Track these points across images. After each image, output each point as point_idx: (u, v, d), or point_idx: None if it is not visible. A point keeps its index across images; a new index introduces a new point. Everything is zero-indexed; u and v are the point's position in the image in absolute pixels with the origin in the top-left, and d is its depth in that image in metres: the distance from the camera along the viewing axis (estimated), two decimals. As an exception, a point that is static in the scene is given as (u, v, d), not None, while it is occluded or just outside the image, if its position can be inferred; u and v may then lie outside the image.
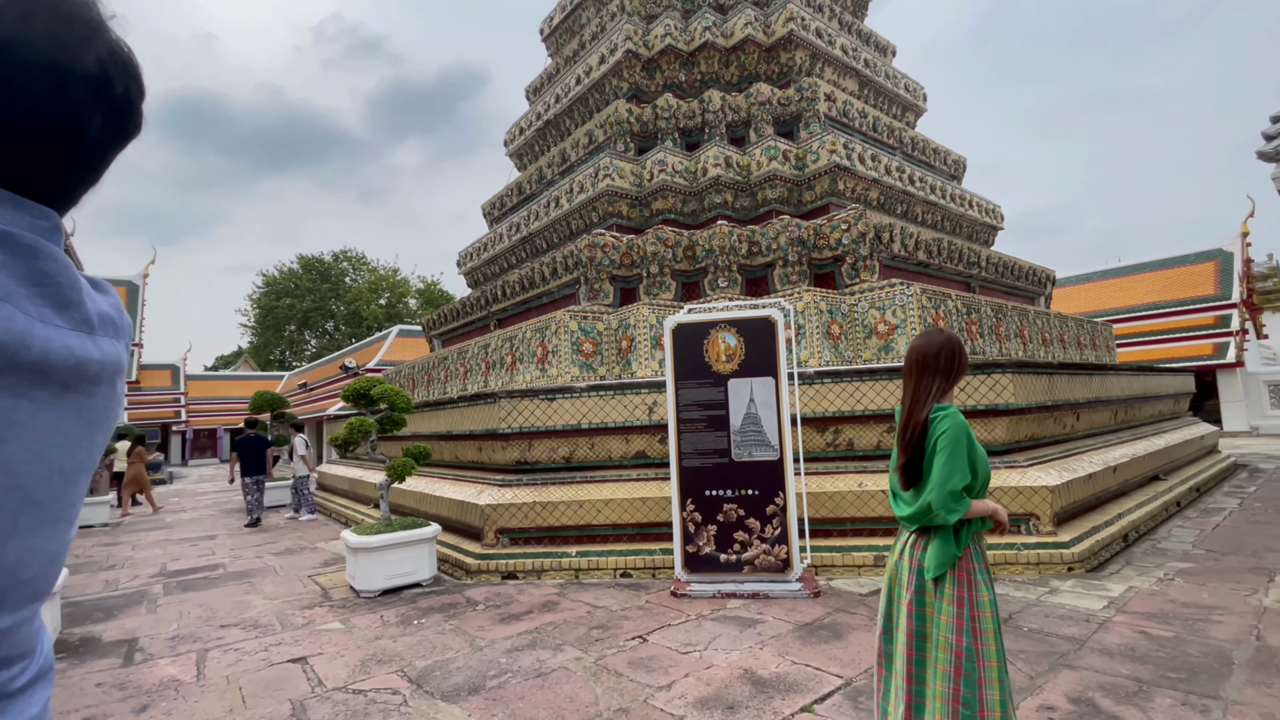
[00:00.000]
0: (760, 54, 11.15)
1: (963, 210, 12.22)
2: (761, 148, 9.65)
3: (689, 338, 5.14)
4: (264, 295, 50.09)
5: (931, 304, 7.39)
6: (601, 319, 7.85)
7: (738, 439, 5.00)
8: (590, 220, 9.98)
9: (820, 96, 10.31)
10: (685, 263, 8.80)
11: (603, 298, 8.71)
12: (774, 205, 9.64)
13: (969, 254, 10.39)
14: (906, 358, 2.25)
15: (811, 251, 8.51)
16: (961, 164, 13.56)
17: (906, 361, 2.24)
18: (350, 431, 5.58)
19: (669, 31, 11.13)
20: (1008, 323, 9.17)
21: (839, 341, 7.46)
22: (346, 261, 52.55)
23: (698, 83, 11.30)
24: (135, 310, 35.03)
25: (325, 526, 10.02)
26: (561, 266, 9.12)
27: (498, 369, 8.78)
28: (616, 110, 10.64)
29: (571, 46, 13.74)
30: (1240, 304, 20.43)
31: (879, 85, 12.67)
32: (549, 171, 12.32)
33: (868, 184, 9.92)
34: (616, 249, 8.68)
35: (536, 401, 6.29)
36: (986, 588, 2.04)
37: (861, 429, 6.02)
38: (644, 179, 9.86)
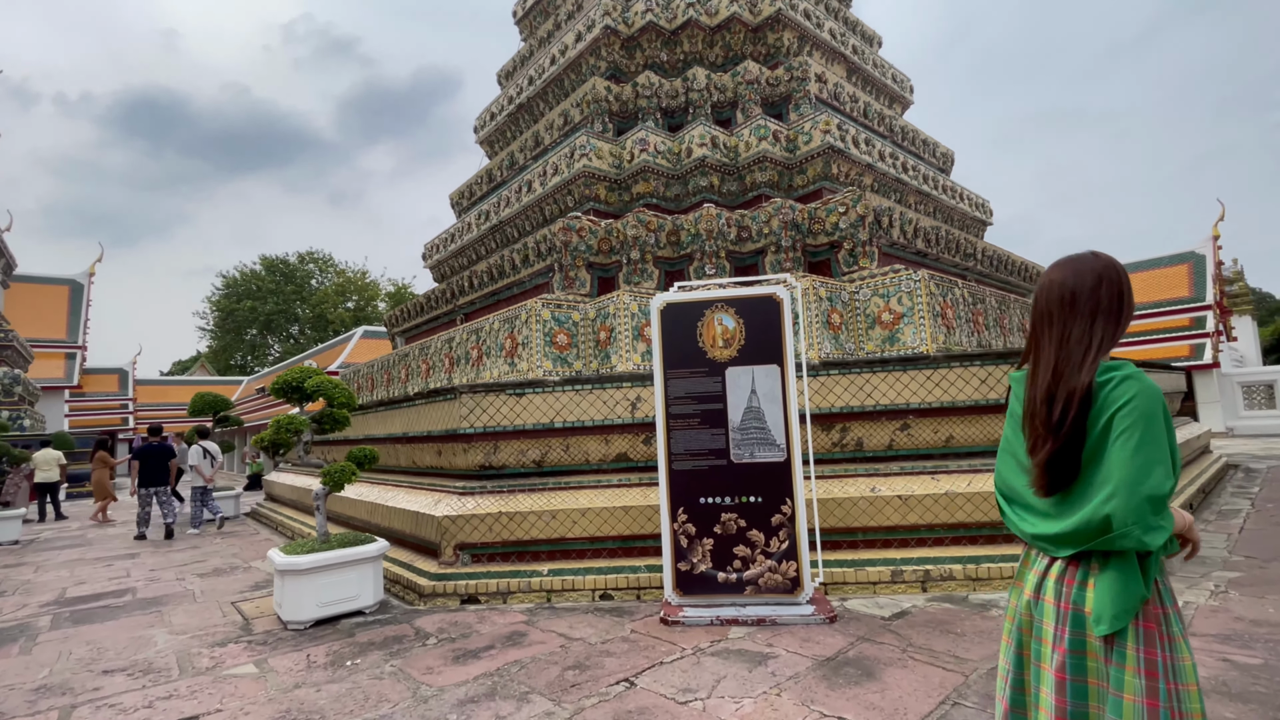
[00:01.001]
0: (746, 34, 10.52)
1: (954, 203, 11.76)
2: (750, 128, 8.99)
3: (680, 320, 4.39)
4: (223, 297, 48.05)
5: (939, 291, 6.78)
6: (578, 308, 7.06)
7: (737, 437, 4.26)
8: (565, 205, 9.20)
9: (811, 77, 9.72)
10: (669, 249, 8.07)
11: (579, 287, 7.93)
12: (763, 189, 8.99)
13: (965, 245, 9.88)
14: (1039, 296, 1.52)
15: (806, 237, 7.85)
16: (950, 157, 13.13)
17: (1038, 303, 1.52)
18: (277, 430, 4.69)
19: (650, 7, 10.44)
20: (1011, 316, 8.64)
21: (839, 332, 6.79)
22: (313, 263, 50.75)
23: (680, 63, 10.63)
24: (79, 310, 33.05)
25: (267, 541, 9.00)
26: (534, 253, 8.32)
27: (462, 365, 7.92)
28: (594, 87, 9.89)
29: (546, 27, 12.98)
30: (1214, 305, 20.52)
31: (867, 73, 12.17)
32: (521, 156, 11.51)
33: (861, 169, 9.34)
34: (594, 233, 7.92)
35: (503, 397, 5.47)
36: (1186, 645, 1.31)
37: (872, 427, 5.33)
38: (623, 160, 9.12)
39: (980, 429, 5.32)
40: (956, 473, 5.15)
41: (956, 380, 5.24)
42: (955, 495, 4.93)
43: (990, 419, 5.29)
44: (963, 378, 5.25)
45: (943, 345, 6.55)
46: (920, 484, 5.05)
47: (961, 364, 5.24)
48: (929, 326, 6.42)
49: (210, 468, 10.53)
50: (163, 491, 10.14)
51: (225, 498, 11.56)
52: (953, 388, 5.24)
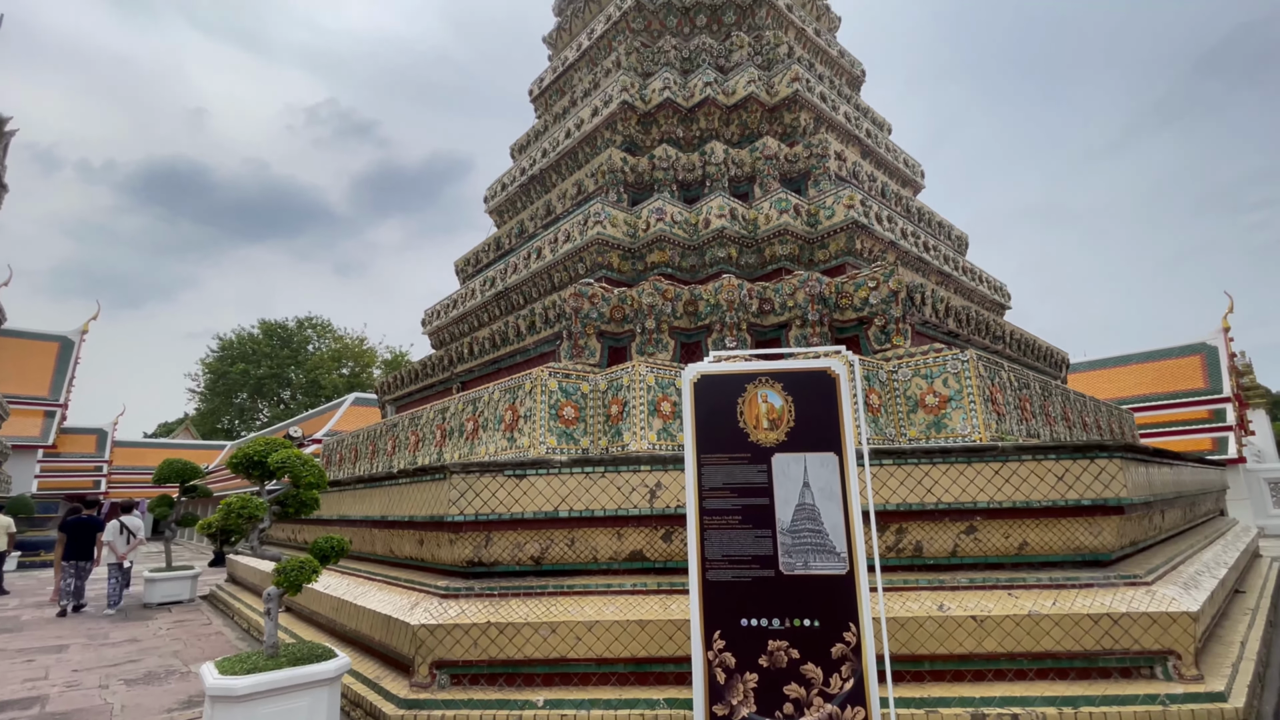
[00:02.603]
0: (763, 113, 10.49)
1: (974, 284, 11.40)
2: (770, 201, 8.69)
3: (717, 395, 3.72)
4: (217, 360, 47.46)
5: (988, 375, 6.16)
6: (587, 379, 6.40)
7: (788, 541, 3.48)
8: (576, 272, 8.74)
9: (831, 154, 9.56)
10: (686, 319, 7.52)
11: (588, 356, 7.31)
12: (783, 263, 8.57)
13: (994, 327, 9.38)
14: None
15: (833, 311, 7.32)
16: (965, 240, 12.93)
17: None
18: (227, 514, 3.89)
19: (668, 85, 10.46)
20: (1053, 403, 8.01)
21: (878, 415, 6.11)
22: (311, 329, 50.57)
23: (697, 138, 10.54)
24: (65, 368, 32.31)
25: (218, 635, 7.88)
26: (541, 320, 7.75)
27: (455, 438, 7.16)
28: (610, 158, 9.70)
29: (561, 104, 13.08)
30: (1233, 398, 20.01)
31: (880, 156, 12.15)
32: (531, 225, 11.22)
33: (884, 245, 8.97)
34: (607, 300, 7.38)
35: (500, 479, 4.70)
36: None
37: (933, 528, 4.55)
38: (638, 229, 8.76)
39: (1058, 535, 4.54)
40: (1036, 588, 4.32)
41: (1029, 476, 4.51)
42: (1040, 617, 4.09)
43: (1069, 523, 4.52)
44: (1036, 473, 4.52)
45: (996, 434, 5.86)
46: (996, 601, 4.22)
47: (1034, 457, 4.53)
48: (980, 413, 5.75)
49: (124, 545, 9.84)
50: (86, 567, 9.68)
51: (182, 577, 10.41)
52: (1025, 485, 4.51)
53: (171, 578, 10.23)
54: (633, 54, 11.16)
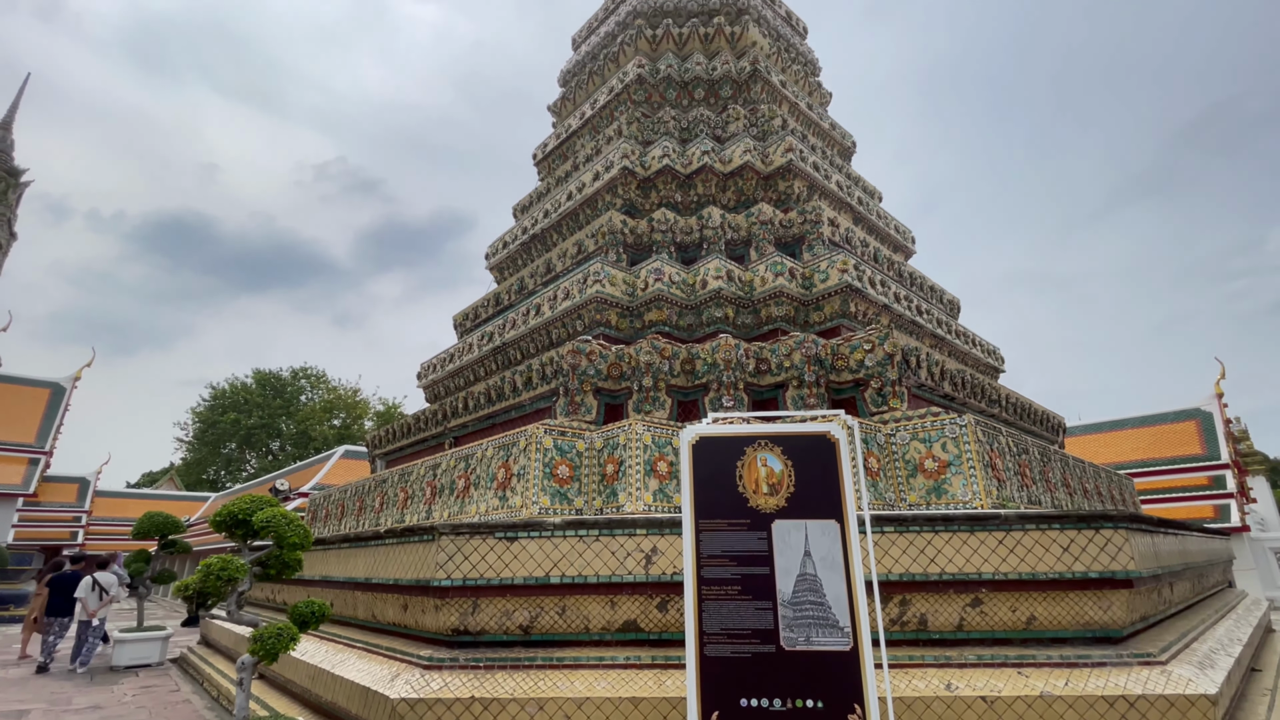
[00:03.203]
0: (758, 180, 10.83)
1: (968, 348, 11.49)
2: (766, 264, 8.85)
3: (715, 457, 3.66)
4: (208, 409, 46.98)
5: (986, 439, 6.11)
6: (583, 436, 6.32)
7: (789, 614, 3.35)
8: (574, 329, 8.79)
9: (825, 220, 9.81)
10: (683, 378, 7.51)
11: (584, 413, 7.25)
12: (779, 324, 8.65)
13: (990, 391, 9.40)
14: None
15: (830, 373, 7.33)
16: (956, 304, 13.13)
17: None
18: (206, 577, 3.72)
19: (667, 154, 10.83)
20: (1053, 468, 7.92)
21: (878, 479, 6.02)
22: (305, 379, 50.36)
23: (694, 203, 10.83)
24: (54, 415, 31.89)
25: (185, 704, 7.45)
26: (538, 375, 7.73)
27: (445, 496, 7.00)
28: (610, 220, 9.93)
29: (564, 168, 13.49)
30: (1232, 464, 19.91)
31: (871, 222, 12.47)
32: (531, 282, 11.37)
33: (878, 309, 9.09)
34: (604, 357, 7.39)
35: (490, 541, 4.55)
36: None
37: (937, 601, 4.40)
38: (637, 289, 8.87)
39: (1067, 609, 4.39)
40: (1047, 666, 4.14)
41: (1034, 547, 4.40)
42: (1052, 698, 3.90)
43: (1078, 597, 4.38)
44: (1040, 544, 4.42)
45: (996, 500, 5.77)
46: (1006, 680, 4.03)
47: (1038, 526, 4.44)
48: (980, 478, 5.67)
49: (96, 602, 9.50)
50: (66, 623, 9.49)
51: (152, 639, 9.93)
52: (1030, 555, 4.39)
53: (141, 639, 9.75)
54: (634, 123, 11.61)
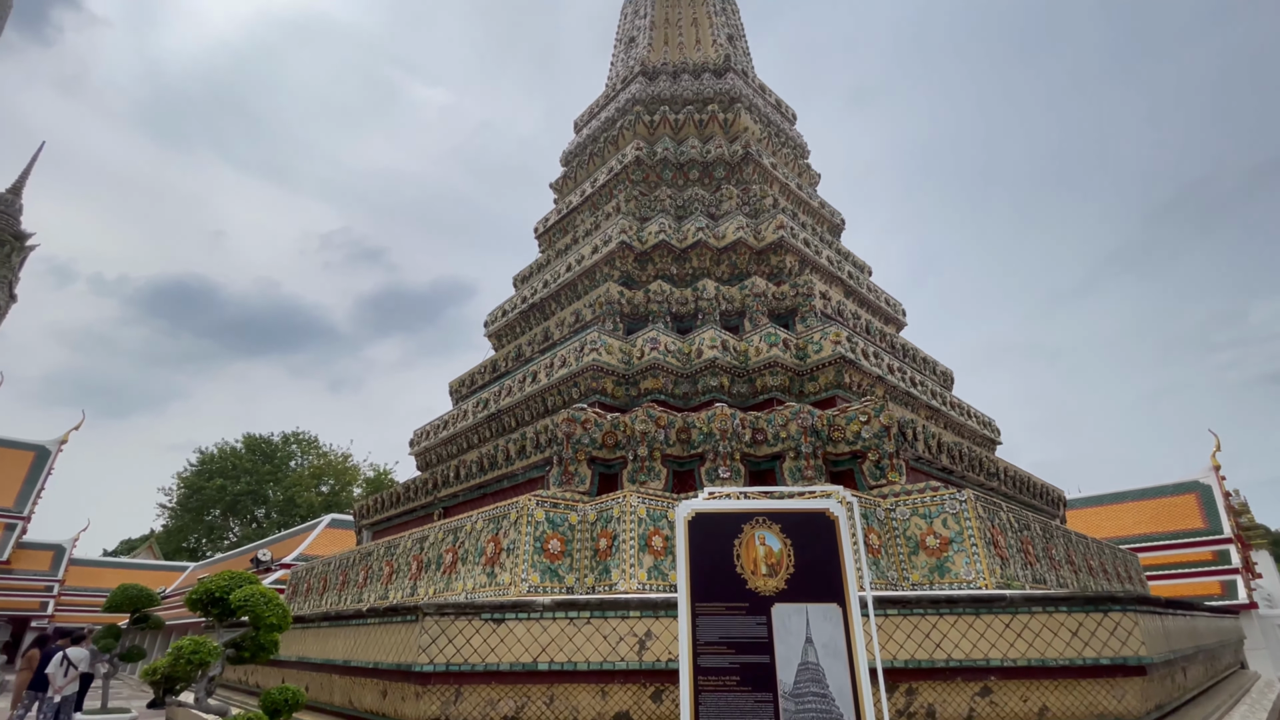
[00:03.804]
0: (751, 255, 11.14)
1: (963, 420, 11.50)
2: (760, 334, 8.97)
3: (712, 535, 3.57)
4: (195, 474, 45.99)
5: (987, 515, 6.01)
6: (575, 508, 6.19)
7: (791, 707, 3.17)
8: (570, 397, 8.78)
9: (816, 294, 10.02)
10: (679, 447, 7.44)
11: (577, 483, 7.12)
12: (775, 393, 8.67)
13: (988, 464, 9.33)
14: None
15: (826, 444, 7.29)
16: (950, 376, 13.23)
17: None
18: (176, 660, 3.52)
19: (663, 229, 11.18)
20: (1056, 545, 7.76)
21: (879, 556, 5.87)
22: (296, 444, 49.63)
23: (689, 276, 11.09)
24: (36, 479, 31.15)
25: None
26: (532, 444, 7.65)
27: (432, 571, 6.76)
28: (608, 290, 10.12)
29: (564, 241, 13.87)
30: (1235, 539, 19.55)
31: (862, 296, 12.74)
32: (529, 349, 11.44)
33: (873, 380, 9.14)
34: (599, 426, 7.34)
35: (476, 623, 4.36)
36: None
37: (945, 689, 4.19)
38: (633, 357, 8.93)
39: (1080, 698, 4.19)
40: (1064, 764, 3.90)
41: (1042, 630, 4.25)
42: (1072, 802, 3.65)
43: (1090, 686, 4.19)
44: (1049, 627, 4.26)
45: (1001, 579, 5.61)
46: (1021, 781, 3.78)
47: (1045, 609, 4.29)
48: (984, 556, 5.54)
49: (62, 678, 9.10)
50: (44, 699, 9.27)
51: None
52: (1039, 640, 4.23)
53: None
54: (631, 201, 12.03)
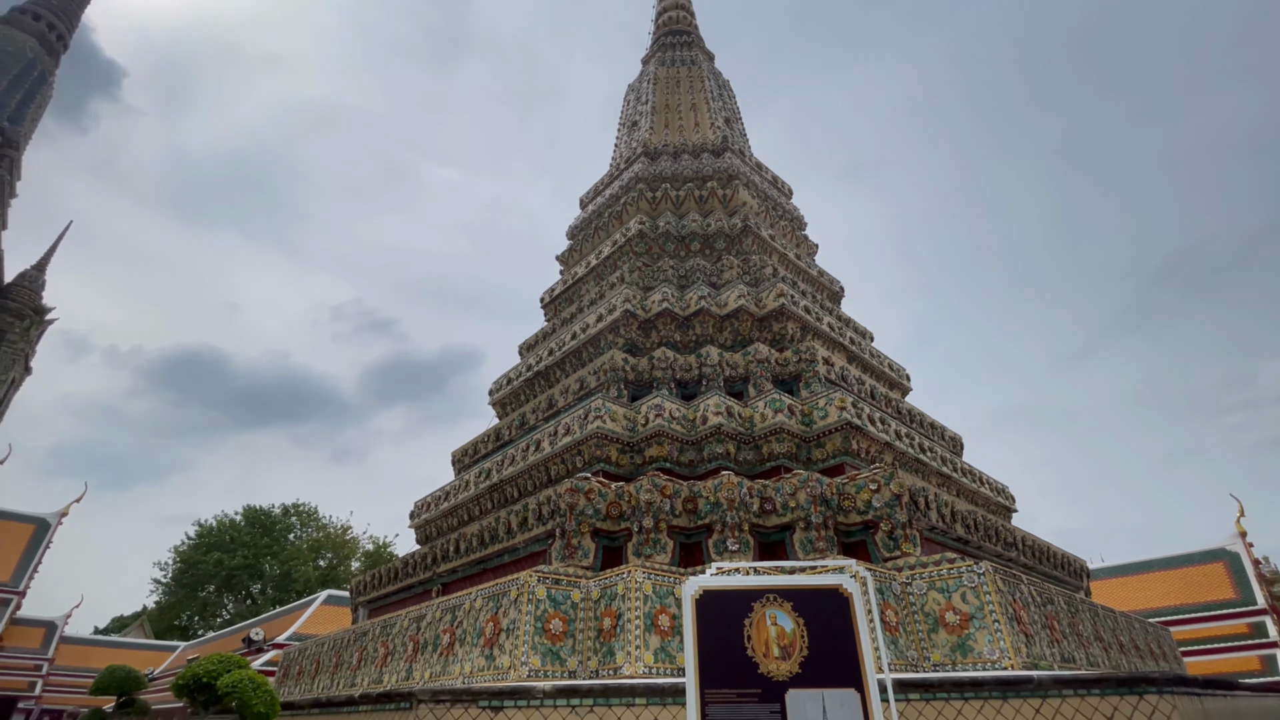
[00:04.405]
0: (753, 322, 11.26)
1: (976, 486, 11.25)
2: (765, 400, 8.93)
3: (721, 615, 3.42)
4: (192, 548, 44.97)
5: (1007, 589, 5.77)
6: (578, 585, 5.98)
7: (809, 805, 2.94)
8: (574, 466, 8.67)
9: (819, 359, 10.05)
10: (685, 517, 7.26)
11: (580, 558, 6.92)
12: (782, 460, 8.54)
13: (1005, 533, 9.04)
14: None
15: (837, 514, 7.10)
16: (959, 441, 13.05)
17: None
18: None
19: (666, 298, 11.36)
20: (1082, 620, 7.40)
21: (897, 634, 5.59)
22: (295, 516, 48.74)
23: (693, 343, 11.17)
24: (34, 552, 30.50)
25: None
26: (534, 516, 7.49)
27: (428, 653, 6.47)
28: (612, 358, 10.18)
29: (569, 310, 14.10)
30: (1270, 610, 18.60)
31: (866, 361, 12.76)
32: (533, 417, 11.41)
33: (880, 446, 9.02)
34: (603, 496, 7.20)
35: (474, 711, 4.13)
36: None
37: (975, 784, 3.89)
38: (637, 424, 8.87)
39: (1123, 795, 3.87)
40: None
41: (1075, 716, 3.98)
42: None
43: (1133, 780, 3.88)
44: (1082, 711, 4.00)
45: (1027, 659, 5.31)
46: None
47: (1077, 691, 4.04)
48: (1007, 633, 5.27)
49: None
50: None
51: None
52: (1073, 728, 3.95)
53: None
54: (635, 271, 12.30)
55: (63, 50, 14.05)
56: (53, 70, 13.58)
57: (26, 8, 14.07)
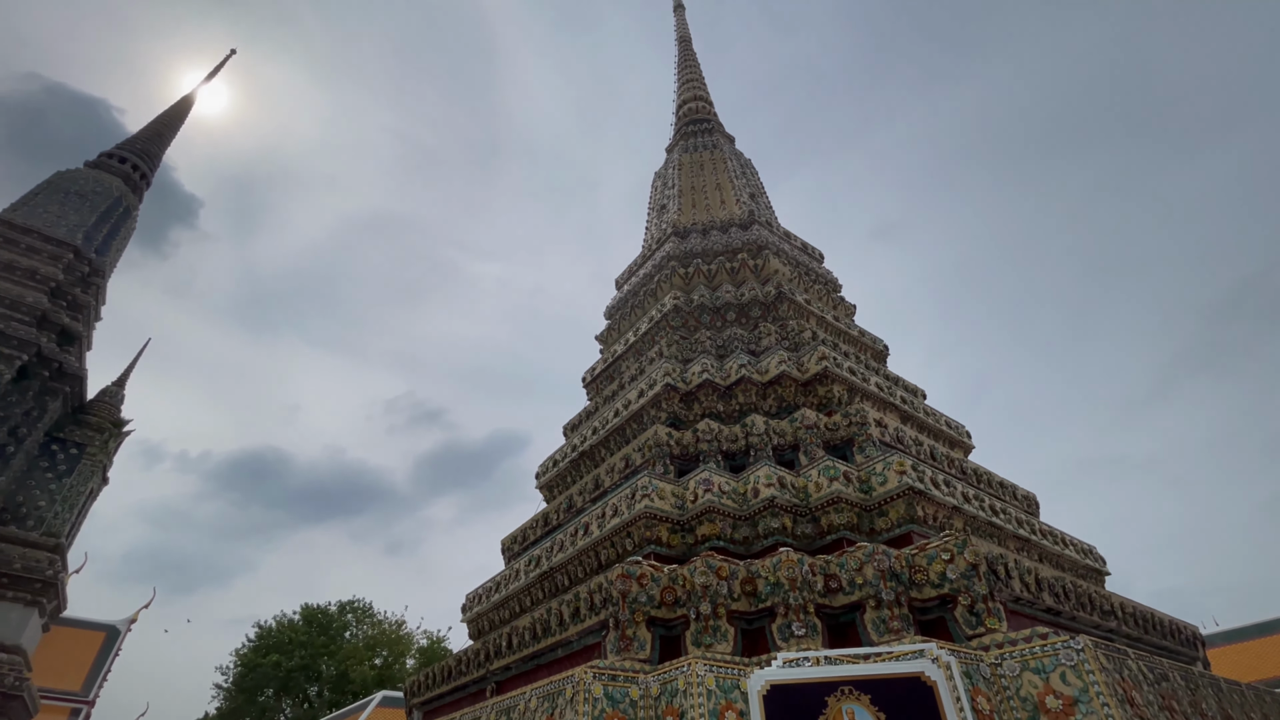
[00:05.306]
0: (797, 387, 11.07)
1: (1059, 549, 10.39)
2: (818, 468, 8.60)
3: (791, 711, 3.14)
4: (252, 650, 44.99)
5: (1112, 666, 5.16)
6: (636, 680, 5.64)
7: None
8: (624, 549, 8.41)
9: (871, 421, 9.72)
10: (744, 601, 6.87)
11: (637, 649, 6.57)
12: (843, 532, 8.10)
13: (1100, 600, 8.23)
14: None
15: (910, 589, 6.60)
16: (1033, 500, 12.21)
17: None
18: None
19: (706, 369, 11.33)
20: (1204, 698, 6.52)
21: (992, 725, 5.01)
22: (351, 613, 48.53)
23: (736, 412, 11.00)
24: (104, 661, 30.99)
25: None
26: (585, 605, 7.22)
27: (485, 760, 6.13)
28: (656, 433, 10.08)
29: (611, 388, 14.18)
30: None
31: (921, 420, 12.28)
32: (579, 499, 11.26)
33: (949, 511, 8.49)
34: (656, 581, 6.91)
35: (533, 828, 3.82)
36: None
37: None
38: (686, 501, 8.63)
39: None
40: None
41: (1222, 823, 3.41)
42: None
43: None
44: (1229, 818, 3.42)
45: (1150, 751, 4.66)
46: None
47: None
48: (1119, 719, 4.66)
49: None
50: None
51: None
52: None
53: None
54: (673, 345, 12.38)
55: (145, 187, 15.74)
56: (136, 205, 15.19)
57: (113, 152, 15.88)
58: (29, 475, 11.37)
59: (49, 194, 13.90)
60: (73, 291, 12.66)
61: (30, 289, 11.86)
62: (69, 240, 13.00)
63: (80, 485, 12.17)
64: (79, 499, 12.02)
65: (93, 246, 13.62)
